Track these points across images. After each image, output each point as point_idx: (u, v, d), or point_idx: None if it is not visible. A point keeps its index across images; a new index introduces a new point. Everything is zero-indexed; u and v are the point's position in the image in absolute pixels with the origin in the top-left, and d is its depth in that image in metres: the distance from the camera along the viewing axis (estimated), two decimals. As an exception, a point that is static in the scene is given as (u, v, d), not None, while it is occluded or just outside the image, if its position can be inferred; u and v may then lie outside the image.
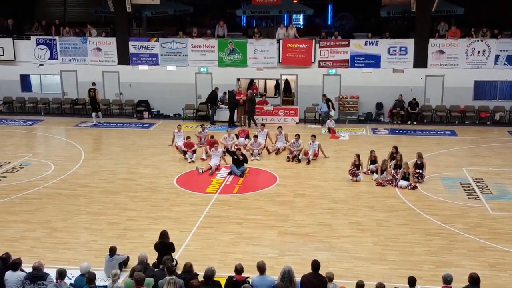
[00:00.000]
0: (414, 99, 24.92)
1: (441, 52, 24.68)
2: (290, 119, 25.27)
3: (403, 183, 16.79)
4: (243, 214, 14.89)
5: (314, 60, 25.53)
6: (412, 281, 9.76)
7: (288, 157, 19.75)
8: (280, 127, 21.34)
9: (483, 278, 10.07)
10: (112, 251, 11.52)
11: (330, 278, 9.97)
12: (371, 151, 18.38)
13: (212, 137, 20.14)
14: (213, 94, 25.16)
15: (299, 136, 19.91)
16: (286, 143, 20.61)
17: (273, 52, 25.65)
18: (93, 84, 25.89)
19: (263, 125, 21.70)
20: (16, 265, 10.18)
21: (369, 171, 17.91)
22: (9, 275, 10.08)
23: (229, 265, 11.21)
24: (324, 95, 24.87)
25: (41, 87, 28.23)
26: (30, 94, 28.18)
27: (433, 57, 24.76)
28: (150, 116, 26.84)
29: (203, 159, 19.68)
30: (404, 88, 25.16)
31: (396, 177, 17.00)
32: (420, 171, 17.20)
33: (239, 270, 10.12)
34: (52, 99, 27.84)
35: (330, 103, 24.70)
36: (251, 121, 24.63)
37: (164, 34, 28.37)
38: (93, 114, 25.69)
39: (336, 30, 27.79)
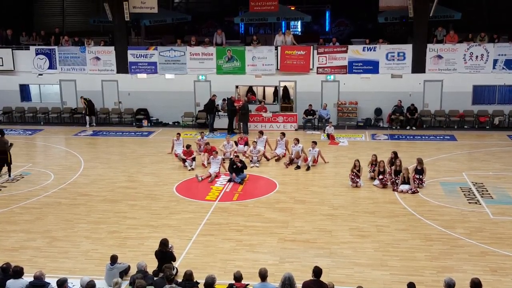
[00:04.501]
0: (413, 104, 24.94)
1: (439, 57, 24.70)
2: (289, 125, 25.29)
3: (404, 187, 16.79)
4: (243, 221, 14.87)
5: (313, 67, 25.55)
6: (411, 287, 9.73)
7: (285, 163, 19.73)
8: (283, 133, 21.36)
9: (485, 283, 10.05)
10: (114, 259, 11.51)
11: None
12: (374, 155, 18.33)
13: (207, 144, 20.14)
14: (211, 102, 25.12)
15: (298, 141, 19.93)
16: (285, 150, 20.63)
17: (272, 59, 25.68)
18: (82, 97, 26.82)
19: (261, 132, 21.69)
20: (18, 273, 10.16)
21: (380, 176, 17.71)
22: (11, 283, 10.06)
23: (229, 272, 11.19)
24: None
25: (40, 96, 28.32)
26: (29, 103, 28.25)
27: (431, 62, 24.77)
28: (149, 124, 26.87)
29: (204, 166, 19.64)
30: (403, 93, 25.20)
31: (397, 182, 17.02)
32: (420, 177, 17.19)
33: (237, 277, 10.12)
34: (52, 109, 27.90)
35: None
36: (241, 128, 24.69)
37: (162, 43, 28.42)
38: (92, 118, 26.79)
39: (334, 37, 27.86)
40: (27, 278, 10.36)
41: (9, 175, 18.86)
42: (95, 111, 26.92)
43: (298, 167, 19.43)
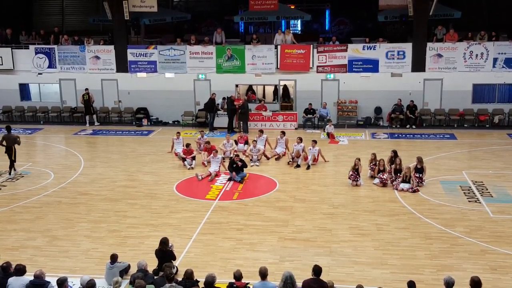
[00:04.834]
0: (412, 101, 24.93)
1: (439, 55, 24.71)
2: (289, 124, 25.28)
3: (404, 185, 16.79)
4: (243, 220, 14.87)
5: (312, 66, 25.56)
6: (411, 285, 9.75)
7: (289, 162, 19.76)
8: (283, 132, 21.35)
9: (485, 282, 10.04)
10: (113, 258, 11.52)
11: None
12: (374, 154, 18.36)
13: (208, 143, 20.16)
14: (211, 101, 25.11)
15: (301, 140, 19.94)
16: (285, 149, 20.63)
17: (271, 58, 25.69)
18: (86, 89, 26.47)
19: (261, 131, 21.68)
20: (20, 271, 10.15)
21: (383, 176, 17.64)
22: (13, 280, 10.07)
23: (229, 271, 11.18)
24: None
25: (40, 95, 28.29)
26: (29, 103, 28.22)
27: (431, 60, 24.79)
28: (149, 123, 26.86)
29: (204, 164, 19.63)
30: (403, 92, 25.20)
31: (397, 180, 17.03)
32: (420, 175, 17.19)
33: (237, 276, 10.13)
34: (51, 108, 27.88)
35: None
36: (241, 126, 24.70)
37: (162, 42, 28.42)
38: (87, 117, 26.57)
39: (334, 35, 27.86)
40: (27, 277, 10.37)
41: (9, 173, 18.88)
42: (91, 110, 26.78)
43: (298, 166, 19.43)
